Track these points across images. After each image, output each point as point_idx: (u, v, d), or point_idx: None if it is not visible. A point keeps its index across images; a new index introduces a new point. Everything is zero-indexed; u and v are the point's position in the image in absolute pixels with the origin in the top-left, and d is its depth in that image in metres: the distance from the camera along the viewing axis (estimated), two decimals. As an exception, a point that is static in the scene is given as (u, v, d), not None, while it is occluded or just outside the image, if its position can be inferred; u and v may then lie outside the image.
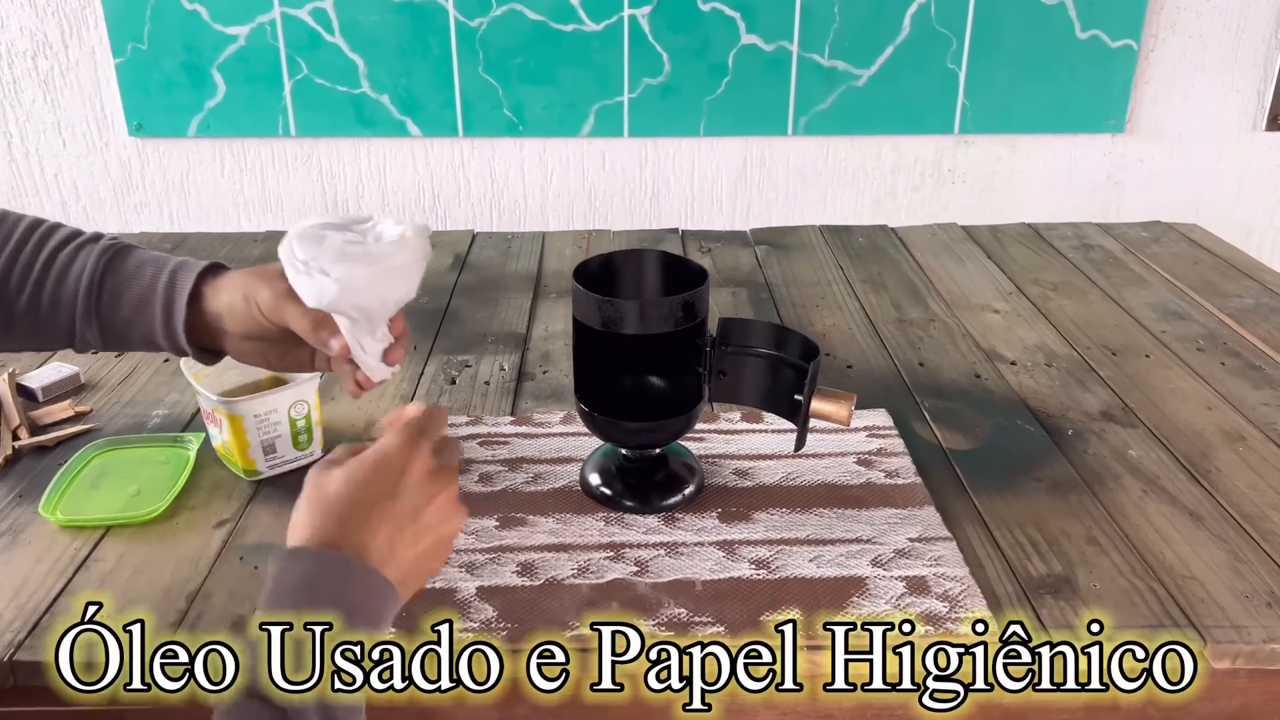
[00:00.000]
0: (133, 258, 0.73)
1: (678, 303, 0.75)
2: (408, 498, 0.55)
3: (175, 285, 0.71)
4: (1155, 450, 0.92)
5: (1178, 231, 1.47)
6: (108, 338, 0.73)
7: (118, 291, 0.72)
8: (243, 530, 0.81)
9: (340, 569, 0.51)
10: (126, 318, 0.72)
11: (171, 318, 0.71)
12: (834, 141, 1.63)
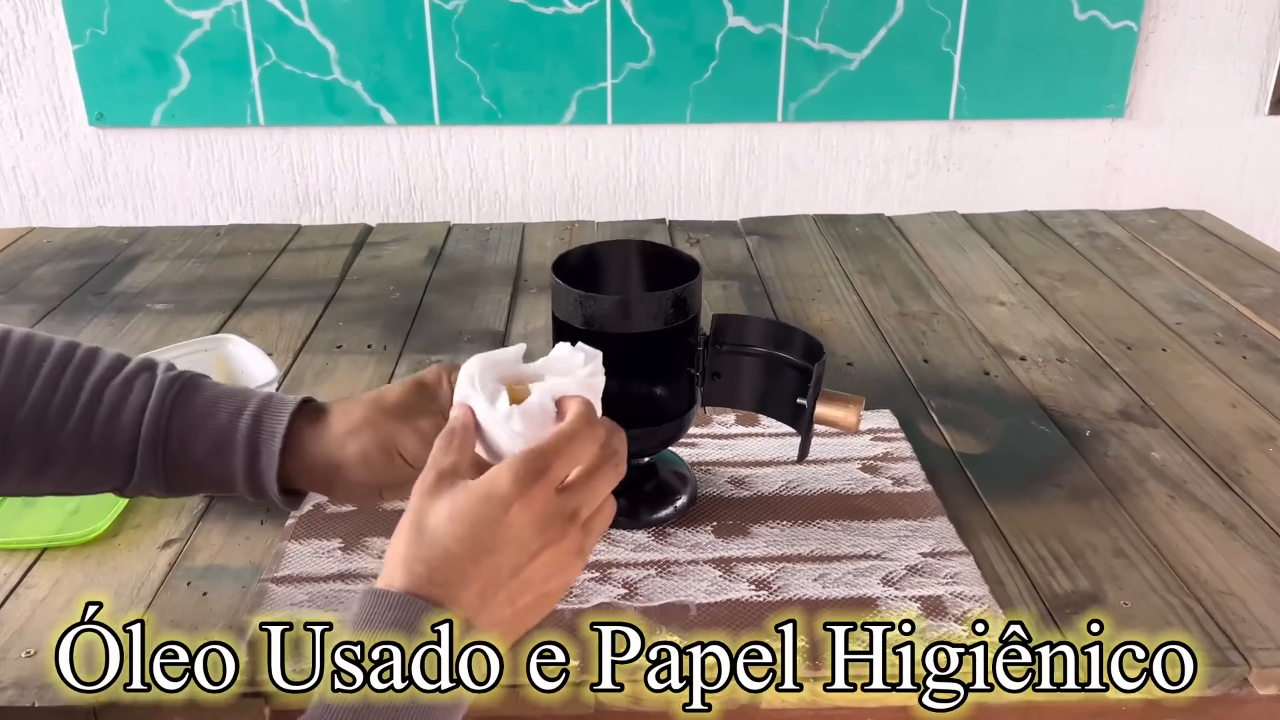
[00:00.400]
0: (202, 394, 0.62)
1: (667, 298, 0.68)
2: (506, 554, 0.49)
3: (261, 429, 0.61)
4: (1180, 452, 0.86)
5: (1186, 218, 1.41)
6: (173, 483, 0.62)
7: (188, 434, 0.61)
8: (192, 551, 0.74)
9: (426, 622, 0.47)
10: (198, 463, 0.61)
11: (257, 466, 0.61)
12: (825, 128, 1.59)
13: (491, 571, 0.49)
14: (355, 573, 0.71)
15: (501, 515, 0.49)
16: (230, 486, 0.62)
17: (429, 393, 0.63)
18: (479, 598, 0.49)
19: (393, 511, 0.77)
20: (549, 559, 0.50)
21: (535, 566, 0.50)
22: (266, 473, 0.61)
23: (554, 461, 0.51)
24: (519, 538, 0.49)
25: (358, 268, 1.25)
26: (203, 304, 1.14)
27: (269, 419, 0.61)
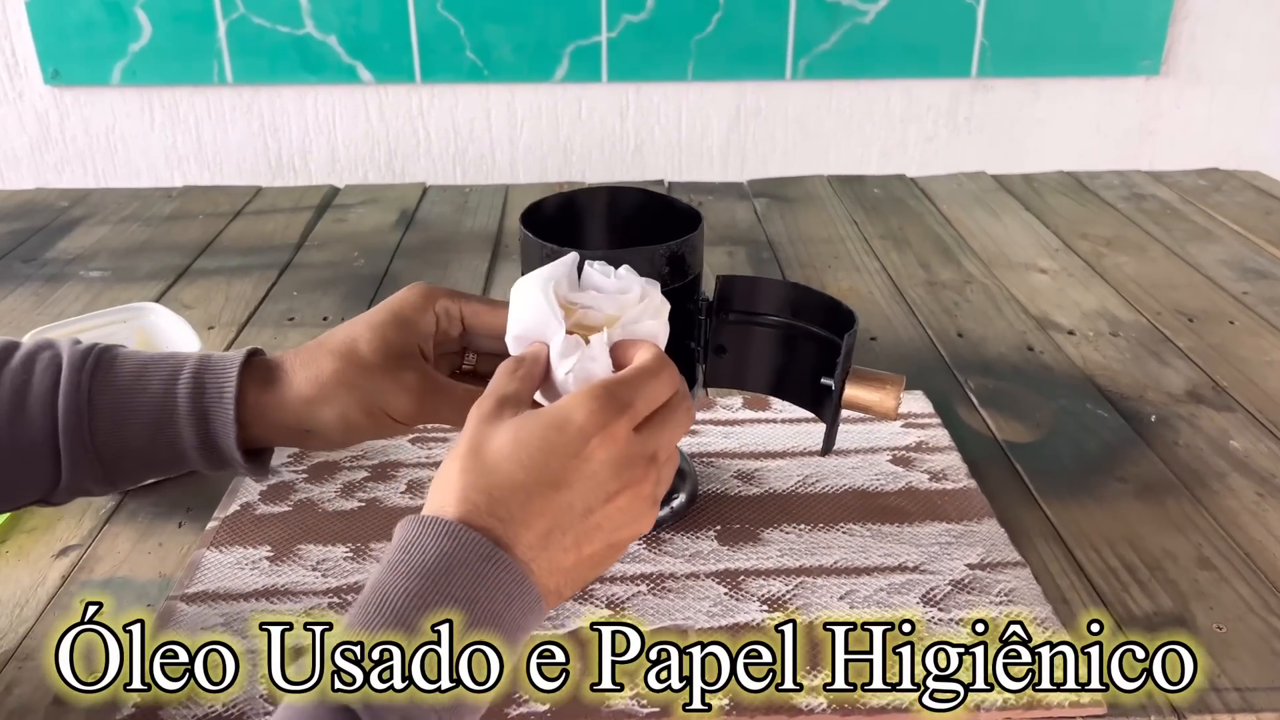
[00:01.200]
0: (123, 365, 0.52)
1: (661, 254, 0.55)
2: (579, 490, 0.42)
3: (205, 393, 0.51)
4: (1263, 440, 0.73)
5: (1239, 179, 1.28)
6: (113, 476, 0.52)
7: (117, 415, 0.51)
8: (92, 561, 0.62)
9: (480, 559, 0.40)
10: (138, 447, 0.52)
11: (210, 436, 0.52)
12: (837, 86, 1.50)
13: (561, 509, 0.42)
14: (284, 589, 0.58)
15: (579, 447, 0.43)
16: (183, 464, 0.53)
17: (410, 328, 0.53)
18: (542, 538, 0.42)
19: (339, 515, 0.65)
20: (625, 504, 0.43)
21: (609, 510, 0.43)
22: (223, 440, 0.51)
23: (637, 397, 0.44)
24: (596, 475, 0.43)
25: (319, 232, 1.12)
26: (143, 271, 1.01)
27: (212, 380, 0.51)
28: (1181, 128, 1.57)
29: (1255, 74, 1.55)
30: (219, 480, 0.68)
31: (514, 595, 0.41)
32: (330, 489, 0.67)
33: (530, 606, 0.41)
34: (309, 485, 0.67)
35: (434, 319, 0.54)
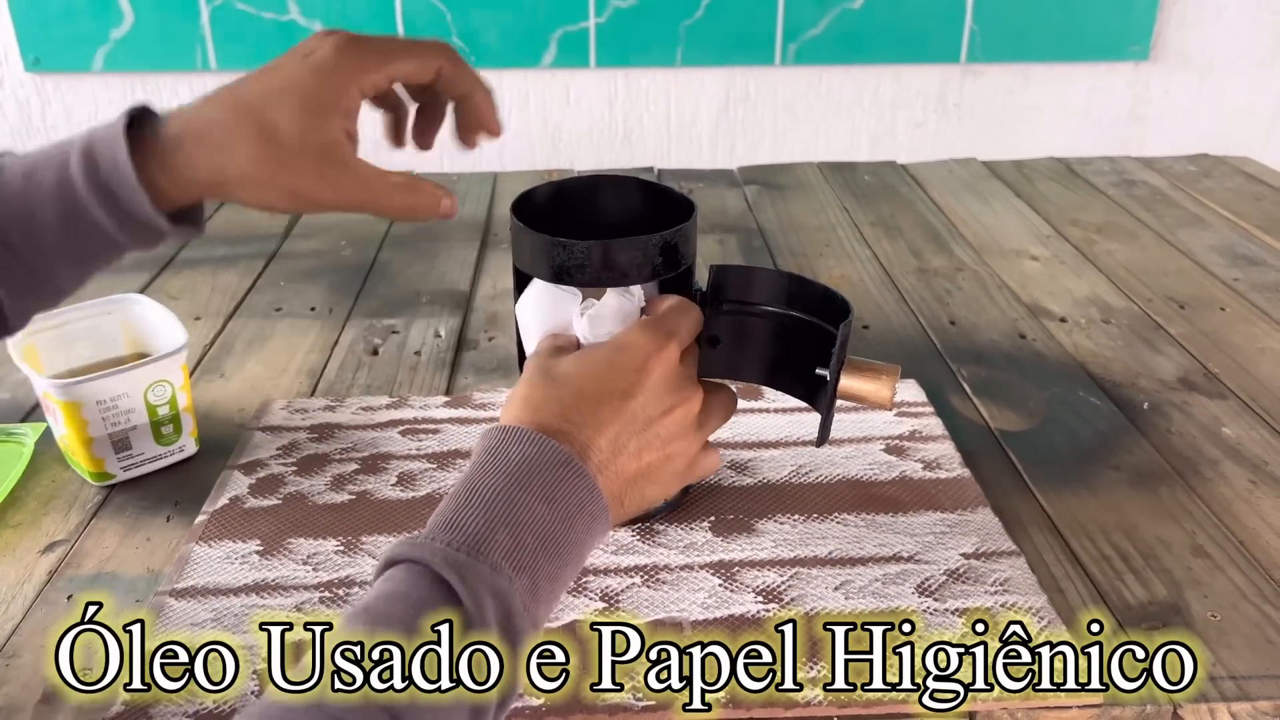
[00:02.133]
0: (8, 171, 0.49)
1: (654, 244, 0.55)
2: (642, 400, 0.48)
3: (99, 169, 0.47)
4: (1255, 427, 0.73)
5: (1229, 165, 1.27)
6: (44, 285, 0.51)
7: (24, 222, 0.48)
8: (79, 557, 0.61)
9: (558, 464, 0.44)
10: (59, 247, 0.49)
11: (123, 207, 0.48)
12: (827, 72, 1.50)
13: (627, 417, 0.47)
14: (274, 584, 0.58)
15: (641, 363, 0.49)
16: (116, 247, 0.50)
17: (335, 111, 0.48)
18: (612, 443, 0.47)
19: (329, 508, 0.64)
20: (679, 417, 0.50)
21: (666, 422, 0.49)
22: (138, 208, 0.48)
23: (679, 325, 0.52)
24: (656, 388, 0.49)
25: (305, 221, 1.11)
26: (127, 262, 0.99)
27: (104, 152, 0.47)
28: (1171, 113, 1.57)
29: (1244, 59, 1.55)
30: (208, 474, 0.68)
31: (585, 501, 0.45)
32: (320, 481, 0.66)
33: (597, 515, 0.45)
34: (298, 478, 0.67)
35: (358, 96, 0.50)
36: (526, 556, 0.42)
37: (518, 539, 0.42)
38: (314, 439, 0.71)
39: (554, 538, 0.43)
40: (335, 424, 0.72)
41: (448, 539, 0.41)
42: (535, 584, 0.41)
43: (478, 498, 0.43)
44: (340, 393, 0.77)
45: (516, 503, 0.43)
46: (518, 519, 0.42)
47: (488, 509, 0.42)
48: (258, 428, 0.72)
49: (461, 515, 0.42)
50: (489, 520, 0.42)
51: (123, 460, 0.66)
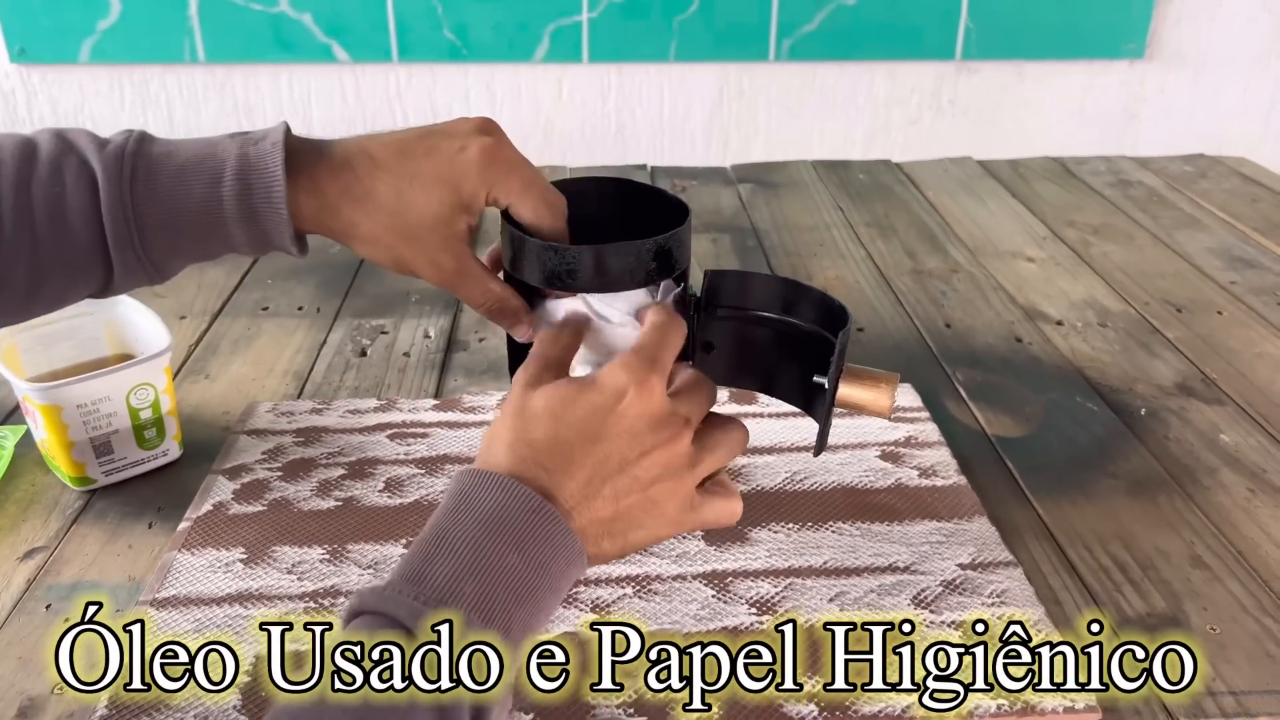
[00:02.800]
0: (161, 169, 0.51)
1: (648, 249, 0.53)
2: (615, 444, 0.46)
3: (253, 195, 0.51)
4: (1254, 434, 0.73)
5: (1225, 165, 1.27)
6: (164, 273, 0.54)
7: (166, 222, 0.51)
8: (58, 564, 0.59)
9: (529, 510, 0.43)
10: (188, 248, 0.53)
11: (262, 234, 0.52)
12: (821, 68, 1.50)
13: (599, 460, 0.46)
14: (258, 593, 0.57)
15: (615, 404, 0.46)
16: (231, 253, 0.54)
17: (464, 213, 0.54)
18: (584, 487, 0.45)
19: (315, 515, 0.63)
20: (660, 458, 0.47)
21: (645, 464, 0.46)
22: (279, 239, 0.52)
23: (659, 352, 0.48)
24: (632, 429, 0.46)
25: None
26: (112, 259, 0.98)
27: (259, 182, 0.51)
28: (1166, 111, 1.57)
29: (1239, 58, 1.54)
30: (191, 479, 0.66)
31: (560, 546, 0.43)
32: (306, 487, 0.65)
33: (573, 559, 0.44)
34: (284, 483, 0.65)
35: (485, 203, 0.54)
36: (496, 606, 0.40)
37: (486, 589, 0.40)
38: (300, 443, 0.69)
39: (526, 585, 0.42)
40: (322, 427, 0.71)
41: (414, 591, 0.39)
42: (508, 633, 0.40)
43: (446, 547, 0.42)
44: (327, 395, 0.76)
45: (486, 551, 0.41)
46: (487, 568, 0.41)
47: (456, 559, 0.41)
48: (243, 431, 0.71)
49: (428, 566, 0.41)
50: (456, 571, 0.40)
51: (104, 465, 0.65)
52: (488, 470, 0.44)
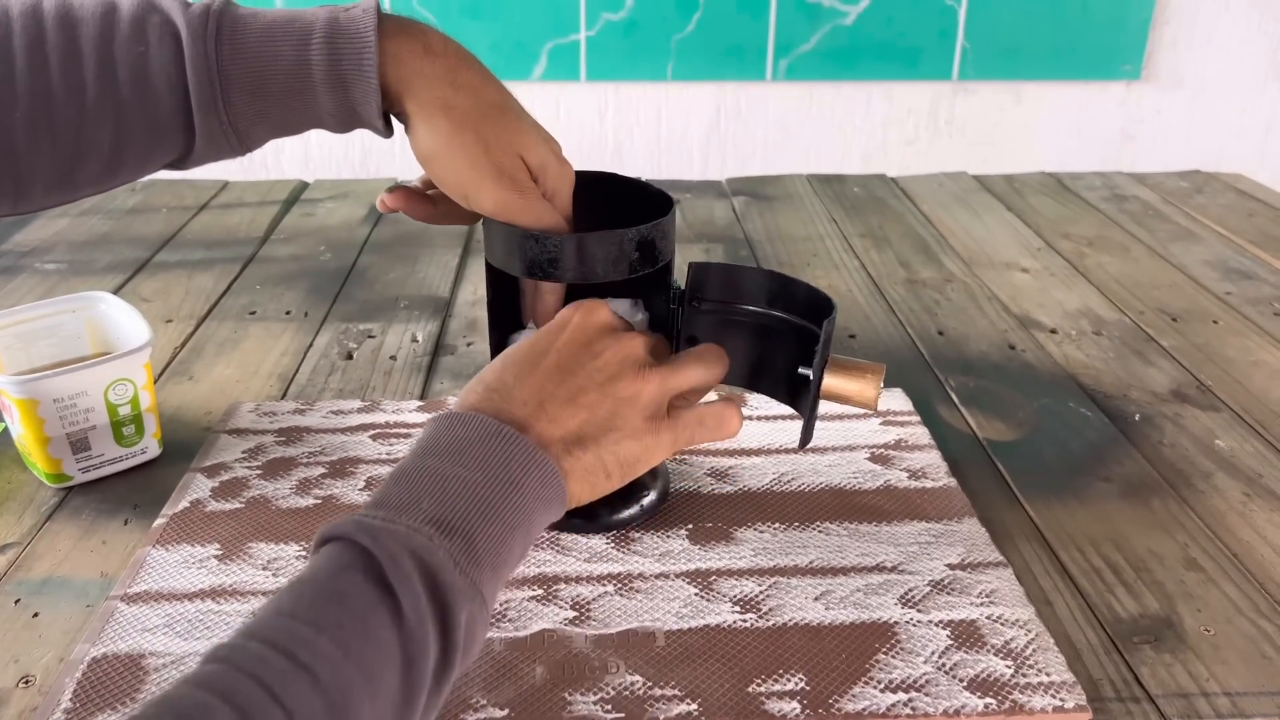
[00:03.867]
0: (248, 27, 0.49)
1: (630, 238, 0.53)
2: (566, 352, 0.48)
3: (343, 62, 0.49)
4: (1249, 440, 0.72)
5: (1221, 181, 1.26)
6: (248, 143, 0.52)
7: (251, 85, 0.49)
8: (30, 559, 0.58)
9: (487, 435, 0.44)
10: (274, 115, 0.51)
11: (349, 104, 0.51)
12: (818, 88, 1.50)
13: (549, 369, 0.47)
14: (231, 589, 0.55)
15: (561, 326, 0.49)
16: (316, 125, 0.53)
17: None
18: (535, 394, 0.46)
19: (293, 513, 0.62)
20: (614, 355, 0.49)
21: (598, 363, 0.48)
22: (363, 108, 0.50)
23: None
24: (578, 339, 0.49)
25: (286, 226, 1.09)
26: (101, 264, 0.98)
27: (348, 48, 0.49)
28: (1162, 132, 1.56)
29: (1236, 80, 1.54)
30: (170, 477, 0.65)
31: (528, 464, 0.44)
32: (285, 485, 0.64)
33: (548, 477, 0.44)
34: (263, 481, 0.64)
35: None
36: (458, 518, 0.41)
37: (444, 505, 0.41)
38: (281, 442, 0.69)
39: (489, 502, 0.42)
40: (304, 427, 0.70)
41: (366, 510, 0.40)
42: (472, 545, 0.40)
43: (405, 478, 0.42)
44: (311, 397, 0.75)
45: (445, 475, 0.42)
46: (446, 489, 0.41)
47: (413, 485, 0.42)
48: (224, 430, 0.70)
49: (386, 493, 0.42)
50: (414, 494, 0.41)
51: (81, 461, 0.64)
52: (443, 412, 0.46)
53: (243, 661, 0.34)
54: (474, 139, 0.51)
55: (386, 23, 0.50)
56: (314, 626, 0.35)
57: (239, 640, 0.35)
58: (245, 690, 0.33)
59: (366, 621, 0.36)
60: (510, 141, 0.52)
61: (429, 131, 0.51)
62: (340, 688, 0.34)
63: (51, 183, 0.50)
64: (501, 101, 0.53)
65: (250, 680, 0.33)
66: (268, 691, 0.33)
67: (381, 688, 0.35)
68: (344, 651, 0.35)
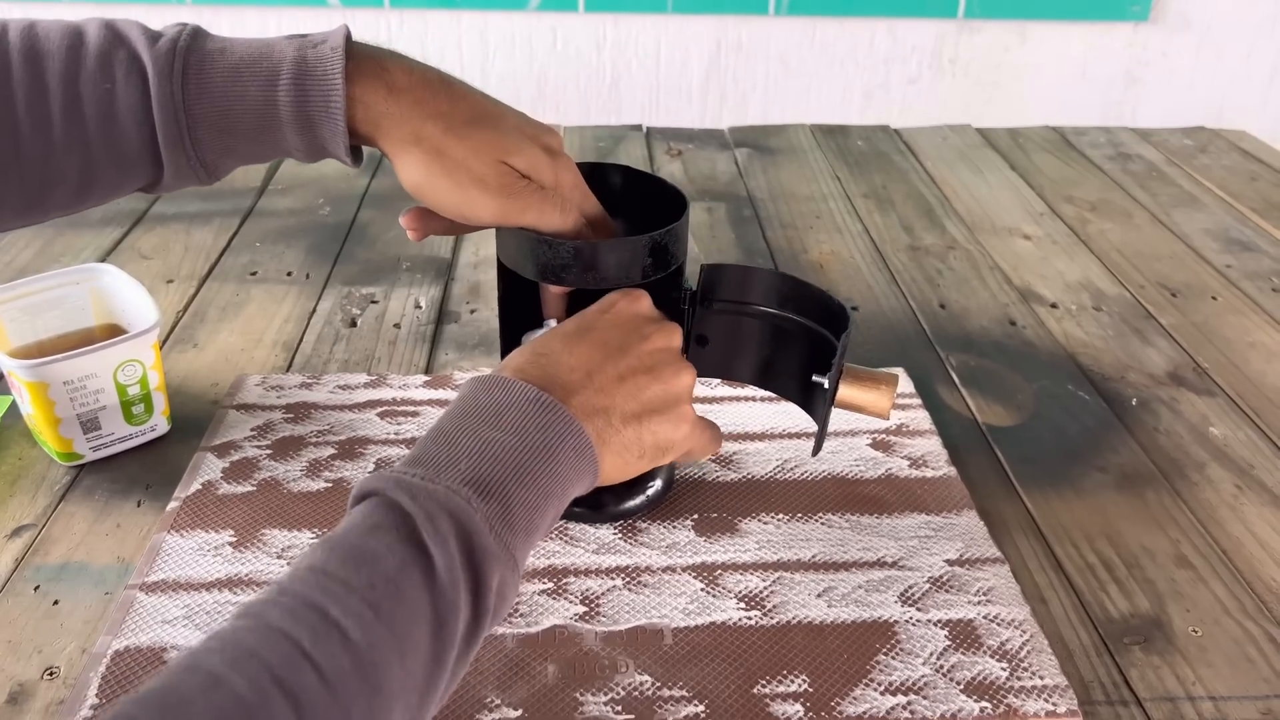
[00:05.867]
0: (214, 65, 0.49)
1: (643, 244, 0.53)
2: (615, 332, 0.50)
3: (309, 102, 0.49)
4: (1243, 427, 0.73)
5: (1225, 139, 1.26)
6: (215, 174, 0.53)
7: (217, 121, 0.49)
8: (46, 543, 0.59)
9: (528, 401, 0.45)
10: (241, 150, 0.51)
11: (316, 142, 0.51)
12: (821, 23, 1.47)
13: (598, 343, 0.49)
14: (248, 578, 0.57)
15: (608, 307, 0.51)
16: (285, 156, 0.53)
17: None
18: (584, 364, 0.48)
19: (304, 496, 0.63)
20: (659, 343, 0.51)
21: (645, 347, 0.50)
22: (334, 147, 0.51)
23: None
24: (627, 322, 0.51)
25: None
26: (97, 215, 0.97)
27: (315, 89, 0.49)
28: (1167, 76, 1.54)
29: (1244, 24, 1.52)
30: (180, 454, 0.66)
31: (564, 433, 0.45)
32: (295, 467, 0.65)
33: (581, 449, 0.45)
34: (273, 463, 0.65)
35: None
36: (495, 482, 0.41)
37: (482, 468, 0.41)
38: (289, 419, 0.69)
39: (527, 468, 0.43)
40: (311, 403, 0.71)
41: (405, 468, 0.41)
42: (508, 510, 0.41)
43: (444, 438, 0.43)
44: (317, 367, 0.76)
45: (484, 439, 0.43)
46: (484, 451, 0.42)
47: (452, 446, 0.42)
48: (231, 406, 0.70)
49: (424, 451, 0.42)
50: (453, 454, 0.42)
51: (92, 440, 0.64)
52: (487, 374, 0.47)
53: (274, 617, 0.35)
54: (452, 163, 0.50)
55: (352, 61, 0.49)
56: (345, 584, 0.36)
57: (271, 595, 0.36)
58: (274, 644, 0.33)
59: (399, 582, 0.37)
60: (489, 152, 0.51)
61: (407, 167, 0.51)
62: (370, 645, 0.35)
63: (20, 209, 0.50)
64: (473, 115, 0.51)
65: (280, 635, 0.34)
66: (297, 646, 0.34)
67: (410, 647, 0.36)
68: (375, 610, 0.36)
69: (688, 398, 0.51)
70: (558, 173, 0.54)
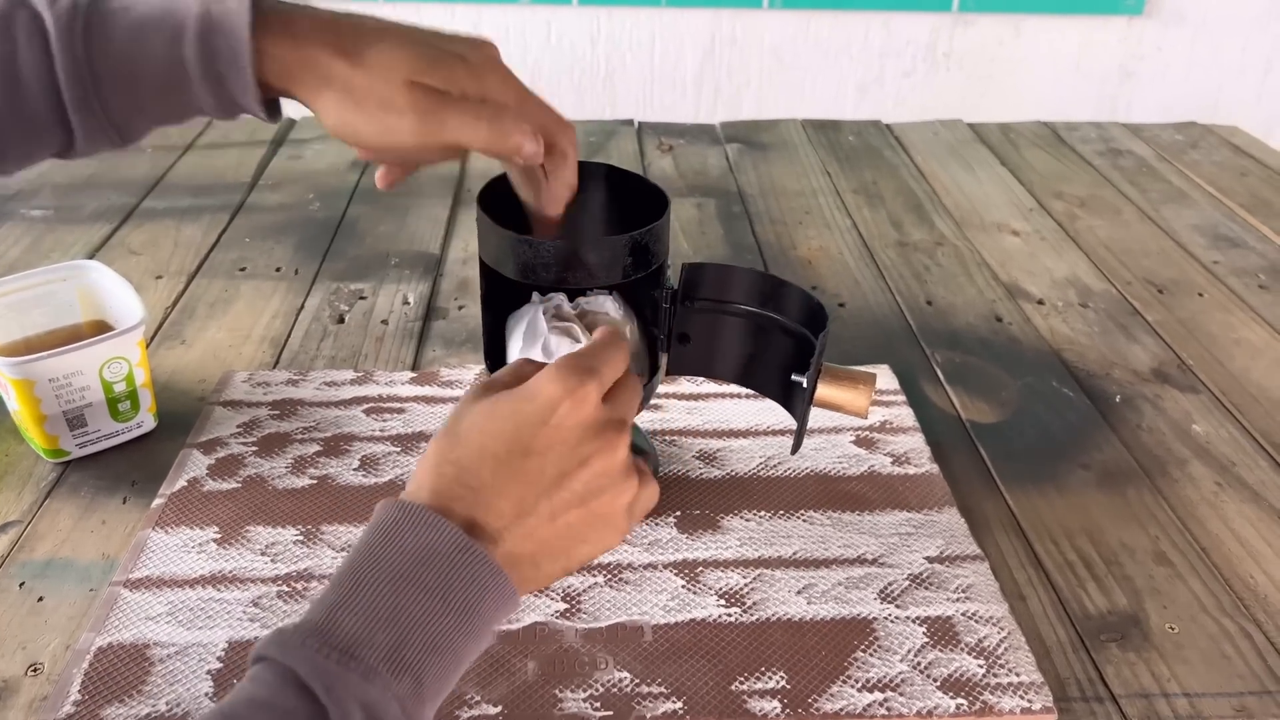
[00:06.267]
0: (115, 24, 0.48)
1: (624, 244, 0.53)
2: (551, 457, 0.43)
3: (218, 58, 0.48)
4: (1225, 425, 0.73)
5: (1216, 135, 1.26)
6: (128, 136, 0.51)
7: (124, 82, 0.48)
8: (32, 540, 0.60)
9: (454, 549, 0.40)
10: (152, 109, 0.50)
11: (227, 96, 0.49)
12: (815, 17, 1.47)
13: (533, 475, 0.42)
14: (232, 575, 0.57)
15: (548, 415, 0.43)
16: (202, 116, 0.52)
17: None
18: (516, 505, 0.42)
19: (289, 494, 0.63)
20: (599, 468, 0.43)
21: (583, 475, 0.43)
22: (246, 102, 0.49)
23: (601, 364, 0.44)
24: (567, 440, 0.43)
25: (274, 170, 1.08)
26: (88, 210, 0.97)
27: (222, 44, 0.47)
28: (1161, 71, 1.55)
29: (1239, 18, 1.52)
30: (167, 451, 0.66)
31: (488, 587, 0.40)
32: (281, 464, 0.65)
33: (503, 601, 0.41)
34: (259, 459, 0.65)
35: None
36: (411, 655, 0.38)
37: (401, 638, 0.38)
38: (275, 416, 0.69)
39: (445, 634, 0.39)
40: (298, 400, 0.71)
41: (319, 643, 0.37)
42: (420, 684, 0.38)
43: (362, 592, 0.39)
44: (304, 364, 0.76)
45: (404, 598, 0.39)
46: (404, 617, 0.38)
47: (370, 606, 0.38)
48: (218, 402, 0.70)
49: (340, 614, 0.38)
50: (370, 620, 0.38)
51: (78, 437, 0.65)
52: (411, 503, 0.41)
53: None
54: (360, 94, 0.48)
55: (258, 15, 0.48)
56: None
57: None
58: None
59: None
60: (394, 73, 0.49)
61: (323, 111, 0.50)
62: None
63: None
64: (376, 42, 0.49)
65: None
66: None
67: None
68: None
69: (625, 510, 0.45)
70: (482, 81, 0.51)
